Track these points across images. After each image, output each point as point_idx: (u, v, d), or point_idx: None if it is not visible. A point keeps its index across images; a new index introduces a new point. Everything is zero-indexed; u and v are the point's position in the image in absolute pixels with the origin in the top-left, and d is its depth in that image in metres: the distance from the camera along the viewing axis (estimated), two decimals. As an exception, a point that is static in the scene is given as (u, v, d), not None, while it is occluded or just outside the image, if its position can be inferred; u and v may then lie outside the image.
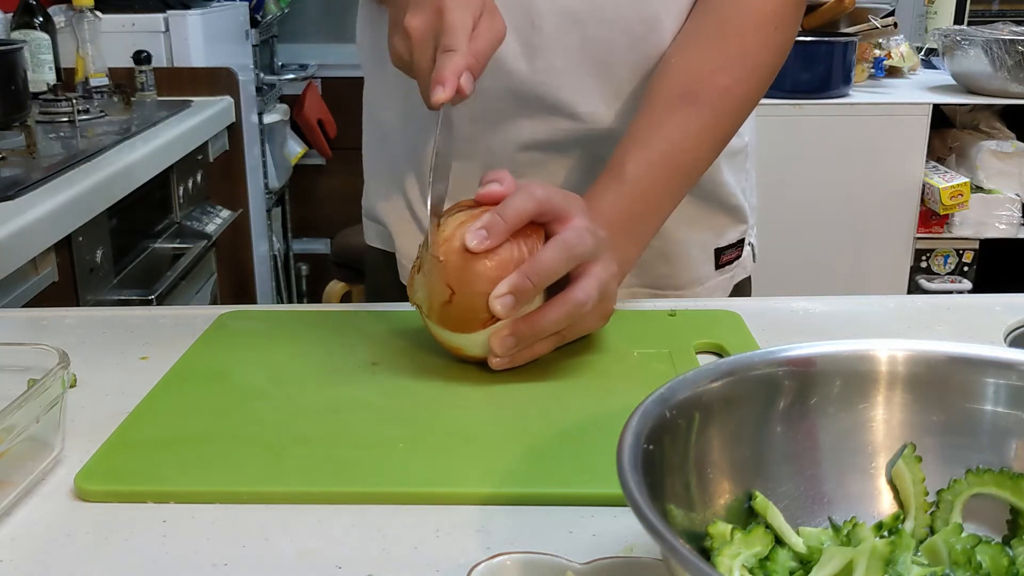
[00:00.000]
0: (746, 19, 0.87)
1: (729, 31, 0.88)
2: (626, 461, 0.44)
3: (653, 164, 0.84)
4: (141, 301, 1.80)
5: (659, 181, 0.84)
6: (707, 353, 0.79)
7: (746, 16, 0.87)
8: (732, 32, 0.88)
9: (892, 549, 0.46)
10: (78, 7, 2.22)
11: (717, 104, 0.86)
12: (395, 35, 0.77)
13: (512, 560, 0.49)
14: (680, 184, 0.87)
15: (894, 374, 0.54)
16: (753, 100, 0.90)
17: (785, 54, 0.91)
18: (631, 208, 0.83)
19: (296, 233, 3.56)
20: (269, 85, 3.11)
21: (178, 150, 2.07)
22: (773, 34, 0.88)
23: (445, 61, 0.71)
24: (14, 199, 1.43)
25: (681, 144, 0.85)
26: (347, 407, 0.69)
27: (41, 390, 0.59)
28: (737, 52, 0.88)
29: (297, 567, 0.53)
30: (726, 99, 0.87)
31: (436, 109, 0.72)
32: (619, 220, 0.81)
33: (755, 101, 0.91)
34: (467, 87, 0.72)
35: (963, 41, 2.56)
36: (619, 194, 0.83)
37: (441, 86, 0.70)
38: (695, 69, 0.87)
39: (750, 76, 0.88)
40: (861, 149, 2.51)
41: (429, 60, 0.74)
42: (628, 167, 0.83)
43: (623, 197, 0.83)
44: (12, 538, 0.56)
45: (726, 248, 1.03)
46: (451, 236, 0.72)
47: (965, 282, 2.64)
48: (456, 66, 0.71)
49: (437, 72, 0.71)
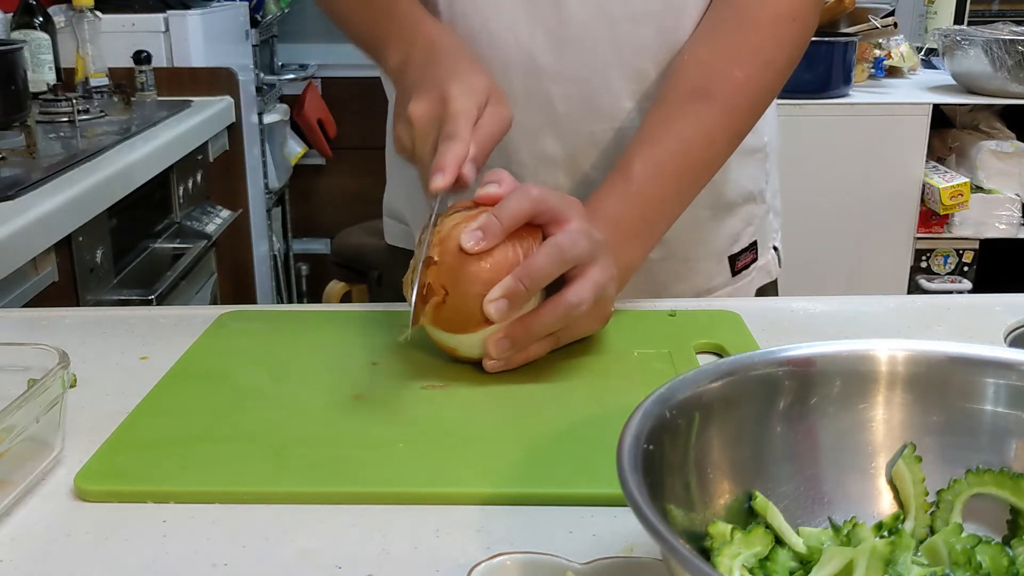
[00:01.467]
0: (763, 12, 0.86)
1: (745, 24, 0.86)
2: (626, 461, 0.44)
3: (663, 164, 0.82)
4: (141, 301, 1.80)
5: (668, 182, 0.83)
6: (707, 353, 0.79)
7: (763, 9, 0.86)
8: (748, 25, 0.86)
9: (892, 549, 0.46)
10: (78, 7, 2.22)
11: (731, 99, 0.84)
12: (399, 123, 0.77)
13: (512, 560, 0.49)
14: (690, 184, 0.85)
15: (894, 374, 0.54)
16: (769, 95, 0.89)
17: (803, 48, 0.88)
18: (638, 211, 0.82)
19: (296, 233, 3.56)
20: (269, 85, 3.11)
21: (178, 150, 2.07)
22: (790, 26, 0.86)
23: (446, 148, 0.71)
24: (14, 199, 1.43)
25: (692, 141, 0.83)
26: (347, 407, 0.69)
27: (41, 390, 0.59)
28: (753, 45, 0.86)
29: (297, 567, 0.53)
30: (740, 94, 0.85)
31: (434, 197, 0.71)
32: (625, 222, 0.80)
33: (771, 96, 0.89)
34: (469, 176, 0.71)
35: (963, 41, 2.56)
36: (625, 195, 0.81)
37: (441, 173, 0.69)
38: (709, 63, 0.85)
39: (766, 70, 0.86)
40: (861, 149, 2.51)
41: (431, 148, 0.73)
42: (636, 167, 0.82)
43: (630, 198, 0.81)
44: (12, 538, 0.56)
45: (740, 253, 1.01)
46: (447, 236, 0.71)
47: (965, 282, 2.64)
48: (457, 154, 0.70)
49: (438, 159, 0.70)
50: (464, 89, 0.74)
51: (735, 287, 1.01)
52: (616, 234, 0.77)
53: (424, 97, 0.74)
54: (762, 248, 1.04)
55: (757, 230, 1.02)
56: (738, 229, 1.00)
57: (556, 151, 0.92)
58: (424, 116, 0.74)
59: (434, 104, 0.74)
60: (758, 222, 1.02)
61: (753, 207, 1.00)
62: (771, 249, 1.05)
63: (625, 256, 0.80)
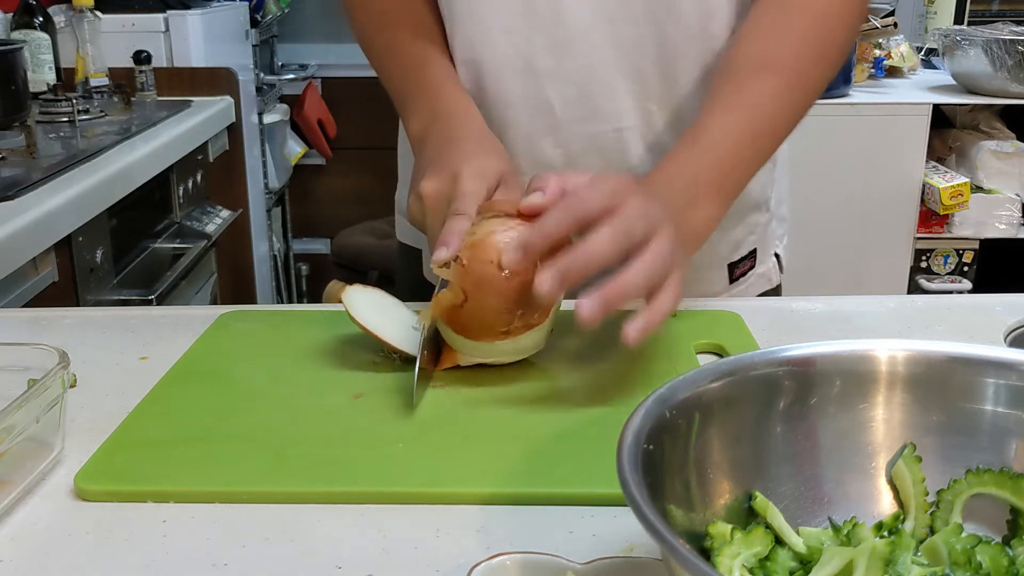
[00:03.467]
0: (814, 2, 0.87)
1: (798, 11, 0.87)
2: (626, 461, 0.44)
3: (734, 123, 0.82)
4: (141, 301, 1.80)
5: (741, 140, 0.82)
6: (707, 353, 0.79)
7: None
8: (801, 12, 0.87)
9: (892, 549, 0.46)
10: (78, 7, 2.22)
11: (797, 73, 0.86)
12: (412, 195, 0.80)
13: (512, 560, 0.50)
14: (763, 147, 0.85)
15: (894, 374, 0.54)
16: (828, 76, 0.89)
17: (855, 32, 0.90)
18: (712, 164, 0.81)
19: (296, 233, 3.55)
20: (269, 85, 3.11)
21: (178, 150, 2.07)
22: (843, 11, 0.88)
23: (453, 225, 0.72)
24: (14, 199, 1.43)
25: (762, 107, 0.84)
26: (347, 407, 0.69)
27: (41, 390, 0.59)
28: (811, 29, 0.87)
29: (297, 567, 0.53)
30: (805, 71, 0.87)
31: (438, 267, 0.71)
32: (699, 176, 0.79)
33: (829, 78, 0.90)
34: None
35: (963, 41, 2.56)
36: (698, 150, 0.81)
37: (445, 247, 0.71)
38: (771, 44, 0.86)
39: (827, 50, 0.88)
40: (861, 149, 2.51)
41: (440, 223, 0.75)
42: (707, 127, 0.82)
43: (703, 152, 0.81)
44: (12, 538, 0.56)
45: (739, 261, 1.00)
46: (479, 243, 0.70)
47: (965, 282, 2.64)
48: (461, 231, 0.72)
49: (444, 234, 0.72)
50: (476, 171, 0.77)
51: (730, 294, 1.01)
52: (691, 189, 0.76)
53: (436, 175, 0.78)
54: (762, 255, 1.03)
55: (759, 238, 1.01)
56: (741, 237, 1.00)
57: (555, 155, 0.91)
58: (434, 193, 0.78)
59: (445, 182, 0.77)
60: (760, 230, 1.01)
61: (757, 215, 1.00)
62: (772, 256, 1.05)
63: (700, 213, 0.78)
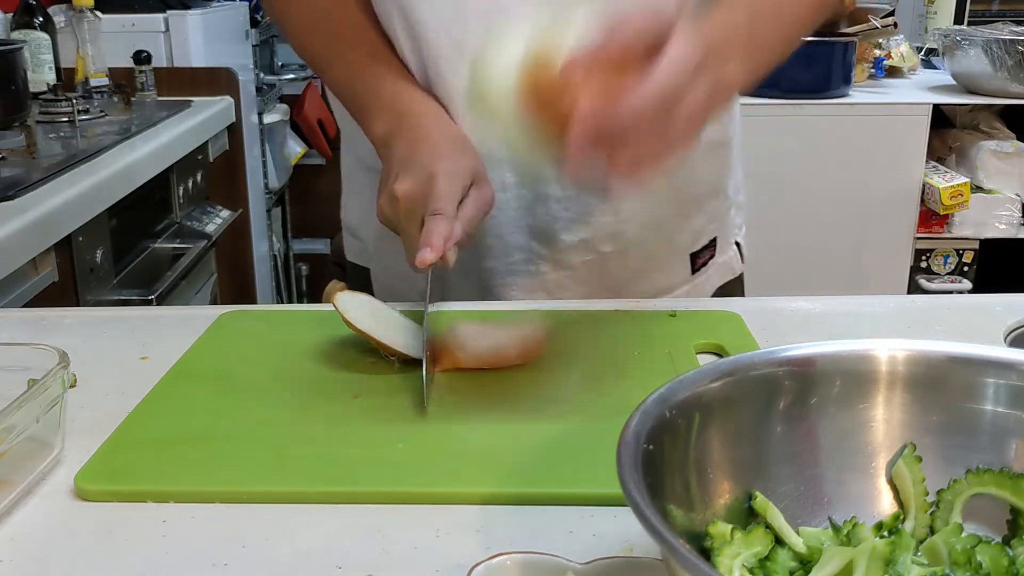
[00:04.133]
0: None
1: None
2: (626, 461, 0.44)
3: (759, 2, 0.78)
4: (141, 301, 1.80)
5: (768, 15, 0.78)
6: (707, 353, 0.79)
7: None
8: None
9: (892, 549, 0.46)
10: (78, 7, 2.22)
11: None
12: (382, 196, 0.79)
13: (512, 560, 0.50)
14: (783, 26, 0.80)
15: (894, 374, 0.54)
16: None
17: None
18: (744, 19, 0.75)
19: (296, 233, 3.55)
20: (269, 85, 3.10)
21: (178, 150, 2.06)
22: None
23: (434, 225, 0.73)
24: (14, 199, 1.43)
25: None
26: (347, 407, 0.69)
27: (41, 390, 0.59)
28: None
29: (297, 567, 0.53)
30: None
31: (422, 270, 0.72)
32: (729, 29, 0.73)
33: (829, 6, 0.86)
34: (451, 257, 0.73)
35: (963, 41, 2.57)
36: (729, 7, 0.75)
37: (429, 248, 0.71)
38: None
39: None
40: (861, 149, 2.51)
41: (417, 225, 0.75)
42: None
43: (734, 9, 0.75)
44: (12, 538, 0.56)
45: (700, 251, 1.00)
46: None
47: (965, 282, 2.64)
48: (443, 232, 0.72)
49: (425, 235, 0.72)
50: (451, 171, 0.77)
51: (693, 284, 1.00)
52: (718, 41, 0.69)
53: (410, 176, 0.77)
54: (722, 244, 1.03)
55: (719, 227, 1.02)
56: (700, 226, 0.99)
57: None
58: (410, 195, 0.77)
59: (420, 184, 0.77)
60: (720, 218, 1.02)
61: (716, 202, 1.00)
62: (733, 245, 1.05)
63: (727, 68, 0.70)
